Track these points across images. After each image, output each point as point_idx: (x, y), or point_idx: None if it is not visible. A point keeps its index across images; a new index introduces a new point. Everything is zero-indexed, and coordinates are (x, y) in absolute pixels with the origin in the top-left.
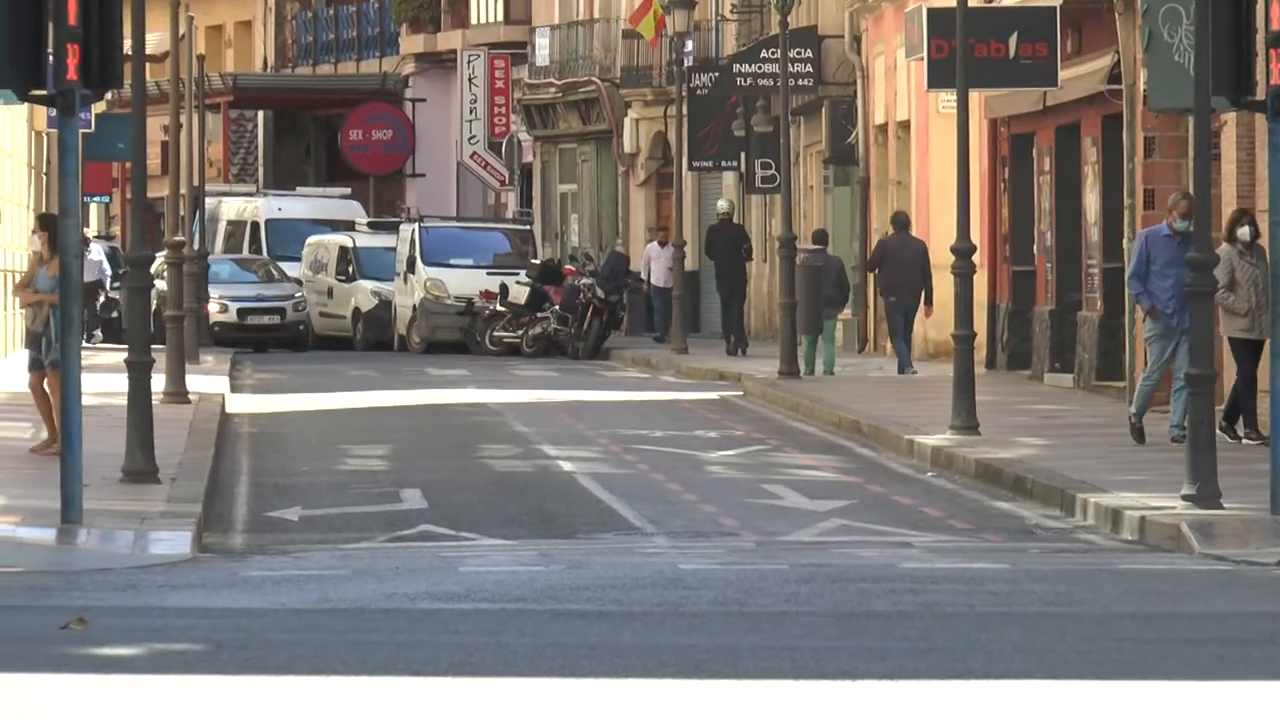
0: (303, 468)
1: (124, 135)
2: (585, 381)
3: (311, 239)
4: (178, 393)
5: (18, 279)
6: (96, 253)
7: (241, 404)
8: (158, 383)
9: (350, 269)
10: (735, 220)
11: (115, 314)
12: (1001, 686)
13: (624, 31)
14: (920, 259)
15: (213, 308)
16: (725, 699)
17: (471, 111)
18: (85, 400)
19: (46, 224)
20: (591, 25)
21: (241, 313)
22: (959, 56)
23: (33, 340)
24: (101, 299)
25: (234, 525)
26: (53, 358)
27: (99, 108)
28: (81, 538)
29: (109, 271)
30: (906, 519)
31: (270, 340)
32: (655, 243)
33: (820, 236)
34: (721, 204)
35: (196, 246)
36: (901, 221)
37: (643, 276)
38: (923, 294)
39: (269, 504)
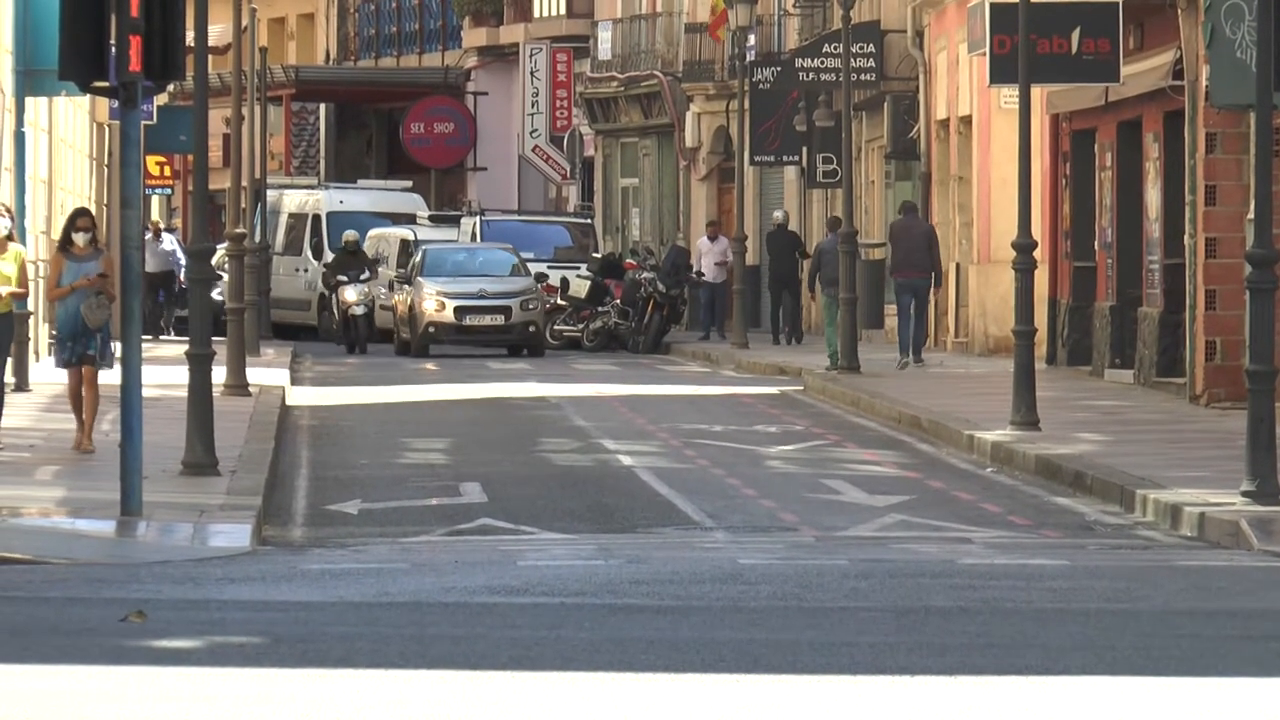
0: (362, 461)
1: (186, 127)
2: (645, 376)
3: (373, 232)
4: (238, 385)
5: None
6: (169, 243)
7: (301, 397)
8: (218, 375)
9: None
10: (790, 228)
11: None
12: (1060, 683)
13: (686, 26)
14: (926, 239)
15: (429, 305)
16: (784, 694)
17: (533, 105)
18: (146, 392)
19: (92, 219)
20: (654, 19)
21: (459, 311)
22: (1021, 52)
23: (79, 333)
24: (177, 289)
25: (293, 518)
26: (104, 357)
27: (161, 100)
28: (141, 530)
29: (184, 262)
30: (966, 515)
31: (492, 343)
32: (705, 237)
33: (833, 222)
34: (777, 214)
35: (258, 239)
36: (909, 207)
37: (699, 270)
38: (933, 276)
39: (328, 497)
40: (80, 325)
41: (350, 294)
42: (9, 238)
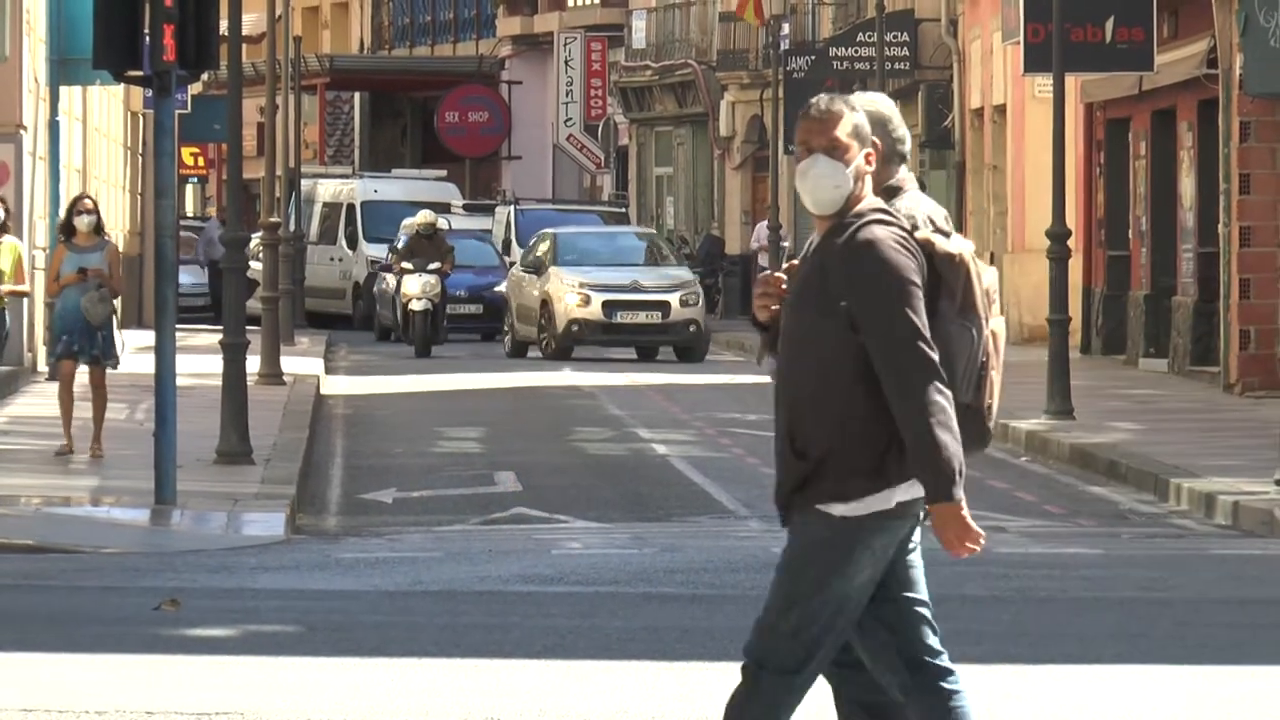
0: (396, 450)
1: (220, 116)
2: (680, 365)
3: (407, 221)
4: (272, 374)
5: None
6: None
7: (336, 385)
8: (252, 364)
9: None
10: None
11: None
12: (1095, 671)
13: (721, 15)
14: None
15: (570, 300)
16: (818, 683)
17: (568, 94)
18: (180, 381)
19: (94, 203)
20: (688, 8)
21: (608, 307)
22: (1055, 40)
23: (78, 329)
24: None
25: (327, 507)
26: (109, 356)
27: (195, 89)
28: (175, 519)
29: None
30: (1000, 503)
31: (648, 344)
32: (764, 223)
33: None
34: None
35: (292, 228)
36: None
37: (755, 248)
38: None
39: (363, 486)
40: (80, 321)
41: (412, 285)
42: (4, 229)
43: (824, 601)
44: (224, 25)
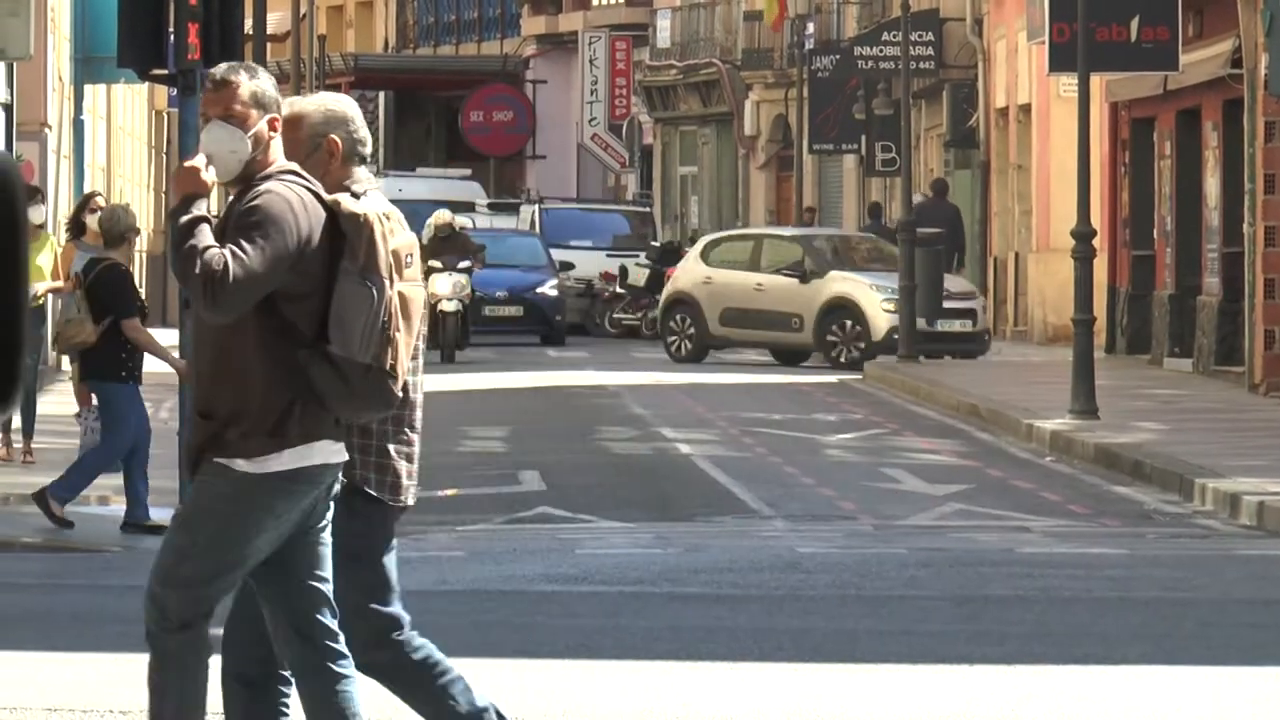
0: (420, 449)
1: None
2: (703, 364)
3: (429, 221)
4: None
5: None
6: None
7: None
8: None
9: None
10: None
11: None
12: (1119, 672)
13: (745, 14)
14: (953, 222)
15: (887, 306)
16: (842, 683)
17: (592, 93)
18: None
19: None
20: (713, 7)
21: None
22: (1080, 40)
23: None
24: None
25: None
26: None
27: None
28: None
29: None
30: (1025, 503)
31: (963, 352)
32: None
33: (874, 209)
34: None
35: None
36: (940, 187)
37: None
38: (956, 255)
39: None
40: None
41: (442, 285)
42: (40, 226)
43: (218, 556)
44: (249, 24)
